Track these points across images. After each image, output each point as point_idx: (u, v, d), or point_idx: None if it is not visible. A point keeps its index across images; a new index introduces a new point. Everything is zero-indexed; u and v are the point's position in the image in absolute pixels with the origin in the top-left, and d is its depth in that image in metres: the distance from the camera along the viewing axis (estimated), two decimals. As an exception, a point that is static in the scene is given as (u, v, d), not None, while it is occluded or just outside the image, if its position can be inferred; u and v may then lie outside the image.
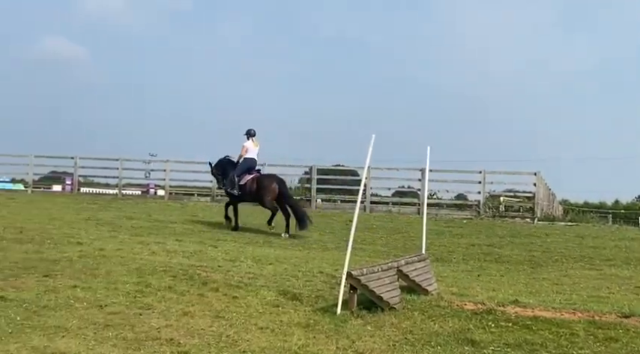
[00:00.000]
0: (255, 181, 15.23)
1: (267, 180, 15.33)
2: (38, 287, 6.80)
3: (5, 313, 5.69)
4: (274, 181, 15.25)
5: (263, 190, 15.01)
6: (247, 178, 15.24)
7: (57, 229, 11.95)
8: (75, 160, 26.55)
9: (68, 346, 4.82)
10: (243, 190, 15.23)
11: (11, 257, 8.41)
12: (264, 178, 15.49)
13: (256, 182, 15.19)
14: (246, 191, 15.23)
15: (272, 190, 14.99)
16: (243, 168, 15.35)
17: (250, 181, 15.21)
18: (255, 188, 15.13)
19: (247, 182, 15.20)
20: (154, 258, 9.25)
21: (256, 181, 15.21)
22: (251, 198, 15.70)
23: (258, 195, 15.18)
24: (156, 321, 5.83)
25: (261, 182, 15.19)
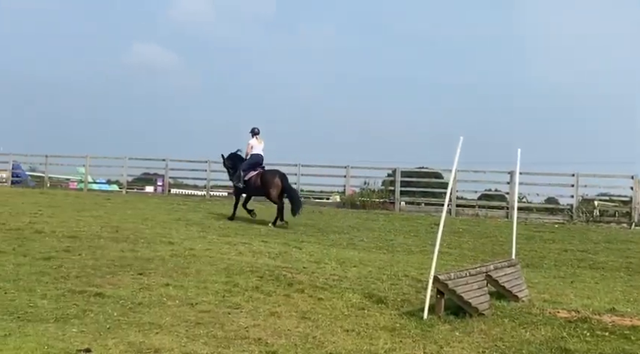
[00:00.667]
0: (260, 176, 16.19)
1: (270, 175, 16.21)
2: (133, 285, 7.08)
3: (103, 309, 5.96)
4: (277, 176, 16.14)
5: (267, 185, 15.93)
6: (252, 173, 16.26)
7: (150, 228, 12.40)
8: (166, 162, 27.53)
9: (162, 342, 4.97)
10: (248, 184, 16.29)
11: (108, 255, 8.79)
12: (268, 174, 16.32)
13: (260, 178, 16.15)
14: (251, 186, 16.30)
15: (276, 185, 15.90)
16: (250, 163, 16.38)
17: (255, 176, 16.22)
18: (260, 183, 16.09)
19: (252, 177, 16.22)
20: (240, 258, 9.44)
21: (260, 177, 16.16)
22: (256, 192, 16.67)
23: (263, 190, 16.12)
24: (244, 320, 5.94)
25: (264, 177, 16.12)
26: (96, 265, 8.08)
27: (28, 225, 11.46)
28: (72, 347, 4.62)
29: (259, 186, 16.14)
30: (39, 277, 7.17)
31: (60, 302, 6.10)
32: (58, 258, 8.32)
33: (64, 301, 6.15)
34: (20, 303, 5.98)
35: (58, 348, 4.57)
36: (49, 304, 5.99)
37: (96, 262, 8.22)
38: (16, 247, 9.00)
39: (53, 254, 8.57)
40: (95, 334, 5.07)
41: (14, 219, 12.32)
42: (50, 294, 6.39)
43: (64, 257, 8.42)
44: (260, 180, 16.13)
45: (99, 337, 5.00)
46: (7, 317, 5.47)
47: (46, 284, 6.84)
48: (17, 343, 4.60)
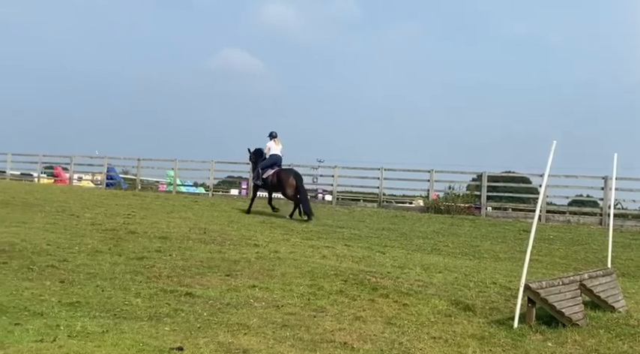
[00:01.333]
0: (276, 174, 17.66)
1: (285, 174, 17.65)
2: (221, 285, 7.24)
3: (193, 308, 6.12)
4: (291, 175, 17.59)
5: (282, 183, 17.42)
6: (270, 172, 17.82)
7: (235, 231, 12.68)
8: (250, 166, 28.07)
9: (250, 343, 5.05)
10: (265, 182, 17.92)
11: (197, 256, 9.04)
12: (283, 173, 17.74)
13: (276, 176, 17.62)
14: (268, 183, 17.92)
15: (290, 183, 17.33)
16: (267, 163, 18.00)
17: (272, 175, 17.72)
18: (276, 181, 17.61)
19: (269, 176, 17.77)
20: (324, 262, 9.47)
21: (276, 175, 17.63)
22: (272, 189, 18.19)
23: (278, 187, 17.70)
24: (329, 324, 5.94)
25: (280, 176, 17.57)
26: (185, 265, 8.31)
27: (122, 226, 11.95)
28: (165, 345, 4.76)
29: (275, 183, 17.67)
30: (133, 276, 7.46)
31: (153, 301, 6.32)
32: (151, 258, 8.63)
33: (157, 300, 6.36)
34: (116, 301, 6.23)
35: (153, 346, 4.72)
36: (142, 303, 6.21)
37: (185, 263, 8.46)
38: (111, 246, 9.40)
39: (146, 254, 8.89)
40: (186, 333, 5.20)
41: (109, 220, 12.88)
42: (144, 293, 6.62)
43: (155, 257, 8.72)
44: (276, 178, 17.57)
45: (190, 336, 5.13)
46: (105, 314, 5.70)
47: (140, 283, 7.10)
48: (114, 339, 4.79)
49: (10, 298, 6.00)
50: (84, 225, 11.77)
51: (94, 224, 11.96)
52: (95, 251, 8.89)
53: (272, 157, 18.03)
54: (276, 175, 17.63)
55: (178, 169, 30.66)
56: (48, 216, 12.84)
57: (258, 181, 18.08)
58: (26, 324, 5.13)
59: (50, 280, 6.93)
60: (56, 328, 5.03)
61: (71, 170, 33.96)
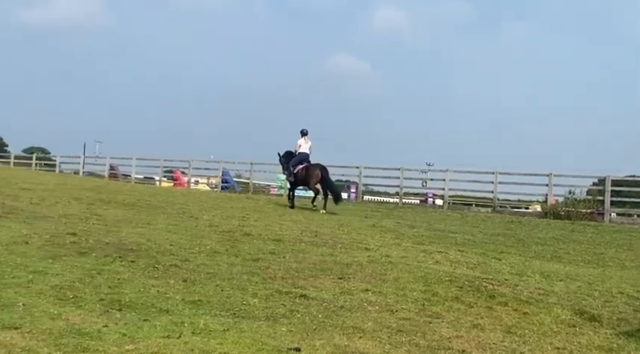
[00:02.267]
0: (305, 169, 19.53)
1: (312, 168, 19.47)
2: (334, 288, 7.28)
3: (308, 310, 6.19)
4: (318, 169, 19.42)
5: (309, 176, 19.29)
6: (299, 167, 19.65)
7: (346, 234, 12.73)
8: (360, 170, 28.18)
9: (366, 347, 5.04)
10: (296, 176, 19.77)
11: (310, 259, 9.16)
12: (311, 167, 19.57)
13: (305, 170, 19.49)
14: (298, 177, 19.73)
15: (316, 176, 19.19)
16: (297, 160, 19.79)
17: (301, 169, 19.60)
18: (304, 174, 19.44)
19: (299, 171, 19.62)
20: (438, 267, 9.30)
21: (305, 169, 19.51)
22: (302, 183, 20.08)
23: (306, 180, 19.49)
24: (446, 330, 5.82)
25: (308, 170, 19.42)
26: (299, 267, 8.44)
27: (238, 228, 12.33)
28: (283, 345, 4.84)
29: (304, 176, 19.55)
30: (249, 276, 7.66)
31: (269, 301, 6.46)
32: (266, 260, 8.84)
33: (273, 301, 6.49)
34: (235, 300, 6.42)
35: (271, 345, 4.82)
36: (259, 303, 6.36)
37: (299, 265, 8.60)
38: (228, 248, 9.72)
39: (261, 256, 9.12)
40: (303, 334, 5.27)
41: (225, 222, 13.34)
42: (260, 293, 6.79)
43: (270, 259, 8.92)
44: (305, 172, 19.50)
45: (306, 337, 5.19)
46: (225, 313, 5.89)
47: (256, 284, 7.28)
48: (235, 337, 4.93)
49: (138, 295, 6.34)
50: (202, 226, 12.25)
51: (211, 226, 12.42)
52: (214, 252, 9.22)
53: (300, 154, 19.95)
54: (304, 169, 19.60)
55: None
56: (170, 218, 13.48)
57: (291, 177, 19.99)
58: (153, 320, 5.40)
59: (174, 278, 7.26)
60: (181, 325, 5.26)
61: (189, 174, 35.57)
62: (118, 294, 6.32)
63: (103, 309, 5.73)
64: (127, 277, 7.11)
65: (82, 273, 7.10)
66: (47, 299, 5.91)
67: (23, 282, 6.46)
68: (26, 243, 8.52)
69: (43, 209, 12.40)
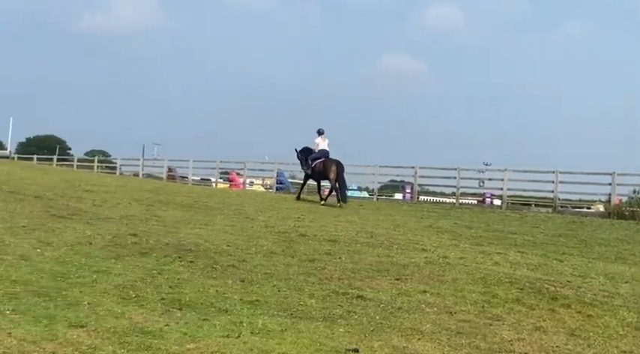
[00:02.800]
0: (322, 163, 20.99)
1: (329, 162, 20.91)
2: (391, 289, 7.23)
3: (366, 311, 6.16)
4: (334, 164, 20.78)
5: (326, 169, 20.78)
6: (317, 161, 21.15)
7: (402, 235, 12.62)
8: (415, 170, 27.94)
9: (425, 348, 4.98)
10: (314, 170, 21.34)
11: (365, 260, 9.12)
12: (328, 161, 21.00)
13: (322, 164, 20.96)
14: (315, 171, 21.29)
15: (332, 170, 20.54)
16: (316, 156, 21.35)
17: (319, 163, 21.10)
18: (322, 168, 20.92)
19: (317, 165, 21.15)
20: (497, 268, 9.12)
21: (323, 164, 20.97)
22: (320, 176, 21.53)
23: (324, 173, 21.02)
24: (507, 333, 5.69)
25: (325, 164, 20.89)
26: (355, 268, 8.42)
27: (293, 228, 12.40)
28: (341, 346, 4.83)
29: (321, 170, 21.02)
30: (306, 277, 7.69)
31: (326, 302, 6.46)
32: (322, 260, 8.85)
33: (330, 302, 6.49)
34: (292, 301, 6.45)
35: (329, 346, 4.81)
36: (316, 304, 6.37)
37: (355, 266, 8.57)
38: (284, 248, 9.78)
39: (317, 256, 9.14)
40: (360, 335, 5.25)
41: (281, 223, 13.43)
42: (317, 294, 6.80)
43: (326, 260, 8.92)
44: (322, 165, 20.96)
45: (364, 338, 5.17)
46: (282, 313, 5.93)
47: (313, 284, 7.30)
48: (293, 338, 4.95)
49: (197, 294, 6.45)
50: (258, 227, 12.36)
51: (267, 227, 12.52)
52: (270, 252, 9.29)
53: (320, 151, 21.48)
54: (322, 164, 21.06)
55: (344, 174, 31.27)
56: (226, 219, 13.66)
57: (309, 170, 21.62)
58: (213, 320, 5.48)
59: (232, 279, 7.35)
60: (240, 325, 5.32)
61: (244, 175, 36.00)
62: (178, 293, 6.44)
63: (164, 308, 5.85)
64: (187, 277, 7.25)
65: (144, 273, 7.27)
66: (111, 298, 6.08)
67: (88, 281, 6.66)
68: (90, 243, 8.78)
69: (105, 210, 12.76)
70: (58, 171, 25.82)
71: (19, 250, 7.85)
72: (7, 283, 6.26)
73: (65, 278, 6.70)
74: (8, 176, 17.79)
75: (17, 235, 8.93)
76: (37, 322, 5.04)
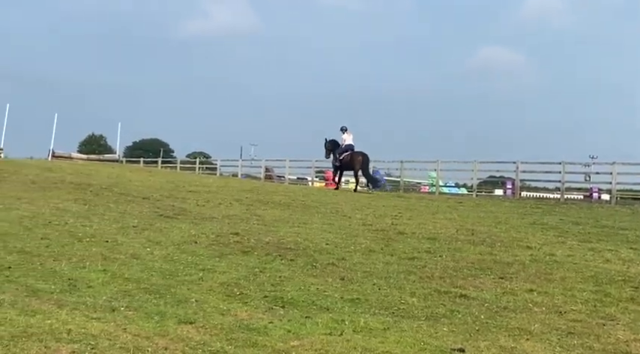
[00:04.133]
0: (350, 155, 24.08)
1: (356, 154, 24.09)
2: (496, 288, 7.01)
3: (469, 310, 6.01)
4: (360, 155, 24.09)
5: (353, 160, 23.97)
6: (345, 154, 24.17)
7: (504, 232, 12.23)
8: (516, 165, 27.02)
9: (534, 349, 4.79)
10: (342, 162, 24.30)
11: (467, 258, 8.90)
12: (355, 154, 24.15)
13: (350, 156, 24.05)
14: (343, 162, 24.23)
15: (358, 161, 23.93)
16: (343, 149, 24.28)
17: (347, 156, 24.14)
18: (349, 160, 23.99)
19: (345, 157, 24.15)
20: (608, 266, 8.65)
21: (350, 156, 24.06)
22: (346, 168, 24.67)
23: (350, 164, 24.13)
24: (622, 333, 5.38)
25: (352, 156, 24.05)
26: (456, 266, 8.24)
27: (391, 226, 12.30)
28: (445, 346, 4.74)
29: (348, 162, 24.10)
30: (406, 275, 7.60)
31: (428, 301, 6.36)
32: (421, 258, 8.72)
33: (432, 300, 6.38)
34: (393, 299, 6.39)
35: (433, 345, 4.73)
36: (418, 302, 6.28)
37: (456, 264, 8.39)
38: (383, 246, 9.72)
39: (416, 255, 9.02)
40: (465, 335, 5.12)
41: (378, 220, 13.37)
42: (418, 292, 6.70)
43: (426, 258, 8.79)
44: (349, 157, 23.98)
45: (469, 338, 5.04)
46: (383, 312, 5.89)
47: (414, 283, 7.21)
48: (396, 337, 4.91)
49: (299, 292, 6.53)
50: (356, 225, 12.37)
51: (364, 225, 12.50)
52: (369, 251, 9.26)
53: (347, 145, 24.39)
54: (350, 156, 24.05)
55: (440, 170, 30.75)
56: (324, 217, 13.76)
57: (337, 162, 24.51)
58: (315, 317, 5.52)
59: (332, 277, 7.39)
60: (342, 323, 5.33)
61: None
62: (280, 291, 6.54)
63: (267, 306, 5.96)
64: (288, 275, 7.35)
65: (247, 271, 7.45)
66: (216, 295, 6.26)
67: (194, 279, 6.90)
68: (195, 242, 9.10)
69: (208, 210, 13.19)
70: (162, 173, 26.97)
71: (131, 250, 8.26)
72: (121, 281, 6.60)
73: (173, 276, 6.98)
74: (118, 179, 18.76)
75: (128, 234, 9.40)
76: (149, 318, 5.27)
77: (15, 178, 15.69)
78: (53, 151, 33.00)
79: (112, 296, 5.97)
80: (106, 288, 6.30)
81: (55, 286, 6.24)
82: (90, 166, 24.37)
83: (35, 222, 9.84)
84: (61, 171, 18.77)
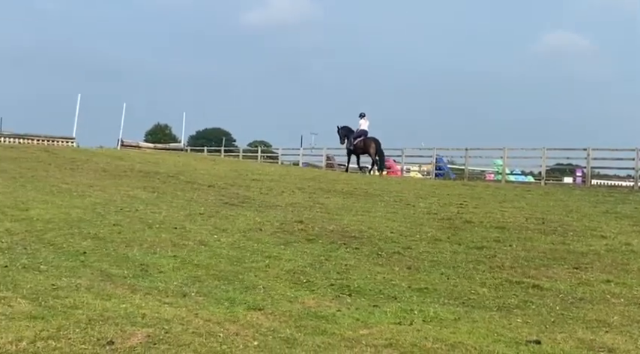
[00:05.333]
0: (363, 140, 25.55)
1: (369, 139, 25.52)
2: (570, 279, 6.78)
3: (543, 301, 5.82)
4: (373, 141, 25.46)
5: (366, 145, 25.45)
6: (359, 139, 25.61)
7: (576, 221, 11.81)
8: (587, 152, 26.05)
9: (614, 342, 4.59)
10: (355, 146, 25.75)
11: (538, 247, 8.63)
12: (368, 139, 25.58)
13: (363, 141, 25.51)
14: (357, 147, 25.73)
15: (371, 145, 25.29)
16: (357, 134, 25.76)
17: (360, 141, 25.61)
18: (362, 145, 25.52)
19: (358, 142, 25.64)
20: (690, 257, 8.21)
21: (363, 141, 25.52)
22: (360, 152, 26.25)
23: (364, 148, 25.67)
24: None
25: (365, 141, 25.47)
26: (528, 256, 8.00)
27: (457, 215, 12.07)
28: (520, 337, 4.59)
29: (362, 146, 25.59)
30: (475, 265, 7.43)
31: (499, 291, 6.20)
32: (490, 248, 8.51)
33: (503, 291, 6.22)
34: (462, 289, 6.26)
35: (507, 337, 4.59)
36: (489, 293, 6.13)
37: (527, 254, 8.15)
38: (449, 235, 9.54)
39: (485, 244, 8.81)
40: (540, 327, 4.96)
41: (443, 209, 13.14)
42: (488, 282, 6.54)
43: (495, 247, 8.57)
44: (362, 143, 25.46)
45: (545, 329, 4.88)
46: (453, 302, 5.77)
47: (483, 272, 7.04)
48: (468, 327, 4.79)
49: (365, 281, 6.48)
50: (420, 214, 12.20)
51: (429, 213, 12.32)
52: (435, 240, 9.11)
53: (360, 131, 25.86)
54: (363, 141, 25.51)
55: (507, 158, 29.98)
56: (387, 205, 13.63)
57: (351, 146, 25.84)
58: (383, 306, 5.46)
59: (398, 265, 7.30)
60: (410, 312, 5.25)
61: (402, 162, 35.82)
62: (347, 279, 6.51)
63: (334, 294, 5.93)
64: (353, 264, 7.31)
65: (312, 259, 7.45)
66: (283, 283, 6.28)
67: (261, 266, 6.95)
68: (260, 230, 9.17)
69: (272, 198, 13.28)
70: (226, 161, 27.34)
71: (199, 236, 8.39)
72: (191, 267, 6.71)
73: (241, 263, 7.05)
74: (184, 167, 19.12)
75: (196, 221, 9.56)
76: (219, 304, 5.33)
77: (87, 167, 16.21)
78: (122, 141, 33.91)
79: (182, 282, 6.08)
80: (176, 273, 6.41)
81: (128, 271, 6.39)
82: (157, 154, 24.96)
83: (107, 209, 10.13)
84: (130, 159, 19.29)
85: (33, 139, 28.89)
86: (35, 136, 29.77)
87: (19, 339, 4.16)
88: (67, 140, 30.22)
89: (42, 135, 30.20)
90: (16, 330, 4.32)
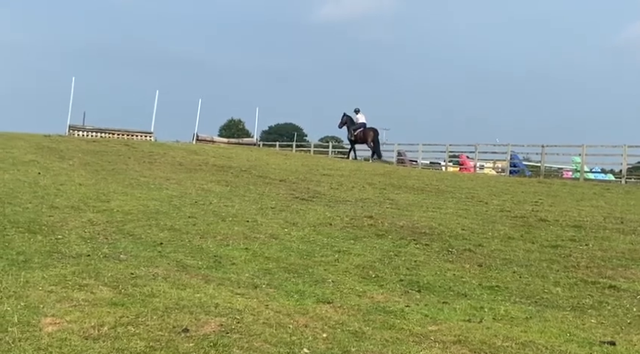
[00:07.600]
0: (362, 131, 28.82)
1: (368, 129, 29.00)
2: (650, 280, 6.52)
3: (620, 302, 5.65)
4: (372, 131, 29.21)
5: (365, 135, 28.81)
6: (359, 130, 28.91)
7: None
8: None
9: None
10: (356, 136, 28.97)
11: (617, 247, 8.34)
12: (367, 129, 29.03)
13: (362, 132, 28.80)
14: (357, 137, 28.89)
15: (370, 135, 28.90)
16: (357, 126, 29.03)
17: (360, 132, 28.89)
18: (362, 135, 28.77)
19: (358, 132, 28.88)
20: None
21: (362, 131, 28.81)
22: (361, 141, 29.17)
23: (363, 138, 28.91)
24: None
25: (364, 131, 28.80)
26: (605, 256, 7.75)
27: (531, 213, 11.79)
28: (594, 338, 4.48)
29: (361, 136, 28.83)
30: (549, 264, 7.26)
31: (573, 291, 6.04)
32: (565, 247, 8.29)
33: (578, 291, 6.06)
34: (535, 288, 6.14)
35: (580, 337, 4.49)
36: (562, 292, 5.99)
37: (604, 254, 7.89)
38: (523, 233, 9.34)
39: (560, 243, 8.58)
40: (615, 328, 4.82)
41: (517, 207, 12.86)
42: (562, 282, 6.39)
43: (570, 246, 8.34)
44: (362, 133, 28.72)
45: (620, 331, 4.74)
46: (525, 301, 5.67)
47: (557, 272, 6.87)
48: (539, 327, 4.71)
49: (435, 277, 6.45)
50: (493, 211, 11.98)
51: (502, 211, 12.08)
52: (507, 237, 8.95)
53: (361, 123, 29.14)
54: (362, 131, 28.82)
55: (586, 155, 28.96)
56: (459, 202, 13.46)
57: (352, 137, 29.12)
58: (452, 303, 5.43)
59: (469, 263, 7.22)
60: (480, 310, 5.20)
61: (475, 158, 35.16)
62: (416, 275, 6.50)
63: (403, 289, 5.94)
64: (423, 260, 7.29)
65: (381, 254, 7.47)
66: (352, 277, 6.34)
67: (330, 260, 7.03)
68: (330, 224, 9.26)
69: (342, 193, 13.36)
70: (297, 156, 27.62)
71: (270, 230, 8.56)
72: (262, 260, 6.87)
73: (310, 257, 7.15)
74: (256, 162, 19.47)
75: (267, 215, 9.75)
76: (289, 296, 5.44)
77: (164, 160, 16.77)
78: (197, 135, 34.79)
79: (253, 274, 6.24)
80: (248, 265, 6.58)
81: (202, 262, 6.61)
82: (230, 149, 25.51)
83: (183, 201, 10.48)
84: (204, 154, 19.81)
85: (114, 134, 30.07)
86: (116, 130, 30.97)
87: (101, 324, 4.40)
88: (146, 134, 31.27)
89: (122, 129, 31.41)
90: (98, 316, 4.57)
